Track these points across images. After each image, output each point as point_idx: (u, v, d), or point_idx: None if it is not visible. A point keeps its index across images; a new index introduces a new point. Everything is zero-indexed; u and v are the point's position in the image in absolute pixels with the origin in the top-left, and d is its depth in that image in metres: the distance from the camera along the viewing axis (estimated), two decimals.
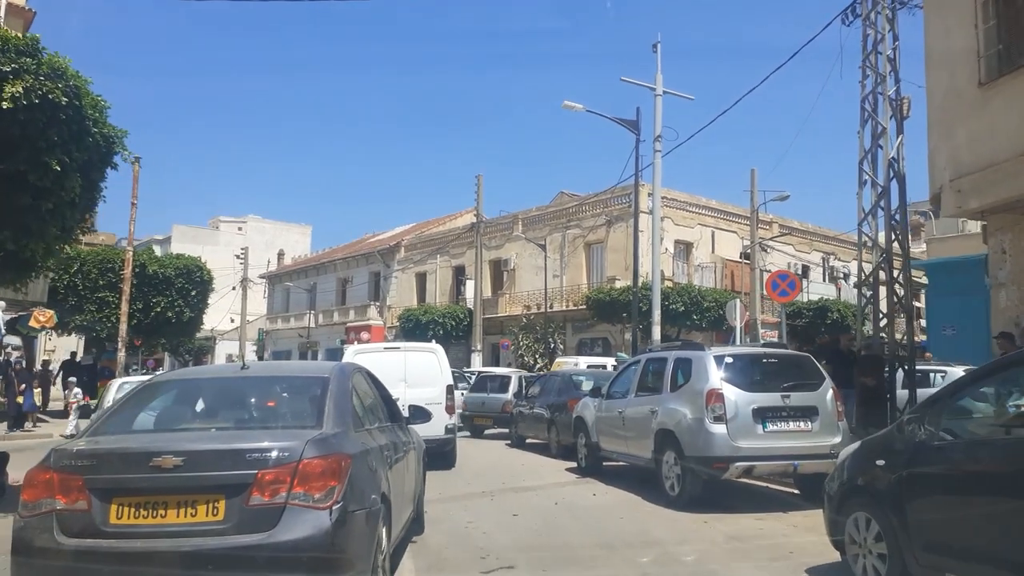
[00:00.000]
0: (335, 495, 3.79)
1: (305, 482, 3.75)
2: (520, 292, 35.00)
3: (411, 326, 35.89)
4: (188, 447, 3.91)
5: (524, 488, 9.49)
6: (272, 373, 5.79)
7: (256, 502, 3.70)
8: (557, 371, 15.36)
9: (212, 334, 66.18)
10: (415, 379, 11.19)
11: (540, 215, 35.31)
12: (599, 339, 31.59)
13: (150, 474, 3.71)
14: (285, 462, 3.76)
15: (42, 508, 3.74)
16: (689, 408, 8.05)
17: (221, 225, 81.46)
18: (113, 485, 3.76)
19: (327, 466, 3.83)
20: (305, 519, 3.69)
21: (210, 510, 3.69)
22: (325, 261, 53.14)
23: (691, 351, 8.70)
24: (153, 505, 3.70)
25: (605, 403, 10.21)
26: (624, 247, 31.03)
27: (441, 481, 9.86)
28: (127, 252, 20.83)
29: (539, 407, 13.77)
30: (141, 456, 3.83)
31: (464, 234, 38.69)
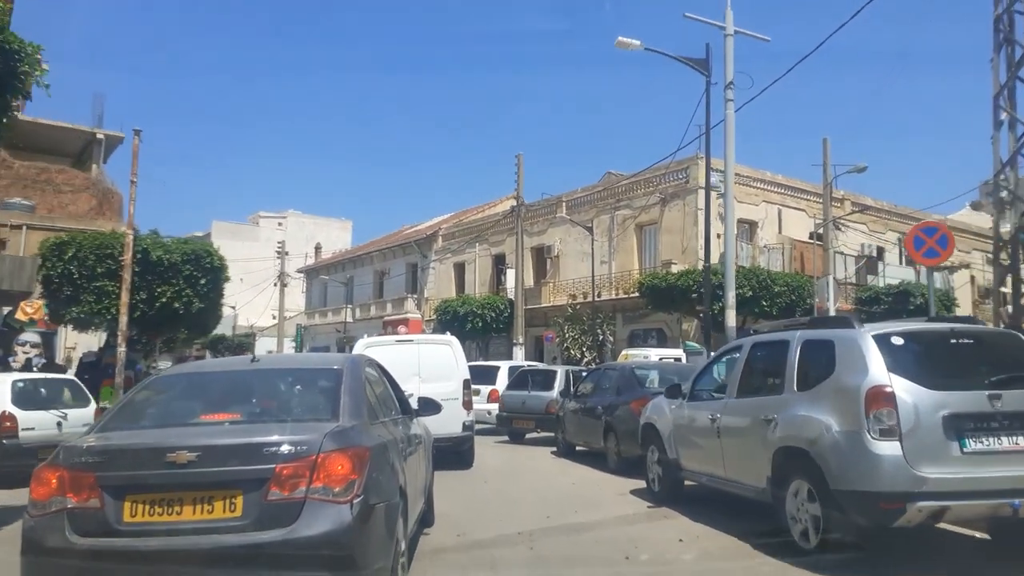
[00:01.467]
0: (355, 489, 3.67)
1: (324, 476, 3.62)
2: (565, 280, 32.20)
3: (448, 318, 33.42)
4: (203, 442, 3.74)
5: (578, 526, 6.74)
6: (284, 366, 5.62)
7: (275, 497, 3.57)
8: (614, 364, 12.54)
9: (252, 330, 65.25)
10: (430, 373, 10.61)
11: (586, 196, 32.43)
12: (653, 330, 28.63)
13: (165, 470, 3.58)
14: (304, 456, 3.64)
15: (52, 507, 3.62)
16: (835, 416, 5.23)
17: (261, 221, 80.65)
18: (126, 482, 3.63)
19: (346, 459, 3.71)
20: (326, 514, 3.56)
21: (228, 506, 3.57)
22: (361, 254, 51.20)
23: (832, 329, 5.83)
24: (168, 502, 3.58)
25: (689, 406, 7.41)
26: (680, 228, 28.03)
27: (465, 507, 7.41)
28: (127, 236, 18.66)
29: (592, 409, 11.03)
30: (155, 451, 3.69)
31: (504, 220, 36.03)
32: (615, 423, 10.14)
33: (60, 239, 18.79)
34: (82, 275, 18.63)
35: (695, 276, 23.94)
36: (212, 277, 20.17)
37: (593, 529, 6.61)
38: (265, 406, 4.53)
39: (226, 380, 4.92)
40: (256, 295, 60.66)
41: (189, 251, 19.80)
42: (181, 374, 5.28)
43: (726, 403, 6.69)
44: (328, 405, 4.29)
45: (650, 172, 29.28)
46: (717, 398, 6.98)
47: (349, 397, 4.33)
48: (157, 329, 20.85)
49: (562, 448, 12.40)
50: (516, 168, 31.40)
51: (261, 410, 4.49)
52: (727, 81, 15.21)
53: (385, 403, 5.20)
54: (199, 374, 5.24)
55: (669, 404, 7.82)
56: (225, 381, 4.90)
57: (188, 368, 5.76)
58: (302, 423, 4.14)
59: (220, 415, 4.29)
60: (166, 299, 19.34)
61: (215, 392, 4.68)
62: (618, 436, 10.01)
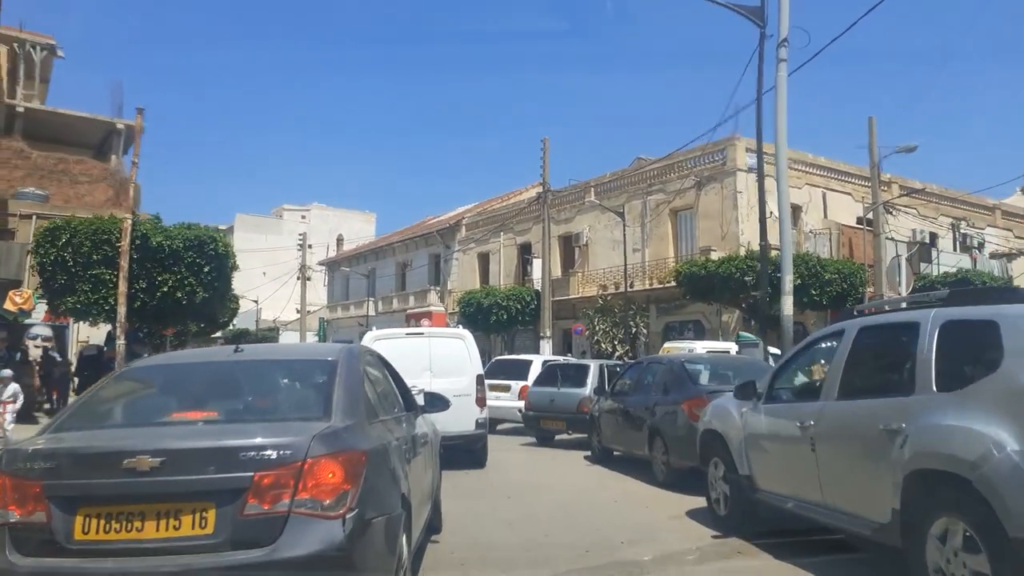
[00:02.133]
0: (348, 501, 3.19)
1: (312, 486, 3.14)
2: (595, 270, 30.52)
3: (472, 310, 31.91)
4: (169, 445, 3.24)
5: (630, 568, 5.14)
6: (271, 356, 4.89)
7: (253, 511, 3.09)
8: (659, 358, 10.88)
9: (275, 324, 64.49)
10: (441, 368, 10.10)
11: (616, 181, 30.68)
12: (690, 322, 26.86)
13: (123, 478, 3.09)
14: (287, 462, 3.15)
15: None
16: (1010, 428, 3.58)
17: (285, 214, 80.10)
18: (78, 492, 3.14)
19: (338, 466, 3.22)
20: (313, 530, 3.08)
21: (197, 521, 3.08)
22: (383, 245, 49.94)
23: (992, 305, 4.15)
24: (127, 516, 3.09)
25: (767, 410, 5.77)
26: (718, 212, 26.20)
27: (479, 533, 6.02)
28: (124, 220, 17.39)
29: (634, 410, 9.42)
30: (112, 456, 3.16)
31: (530, 207, 34.40)
32: (663, 427, 8.52)
33: (53, 223, 17.57)
34: (77, 263, 17.39)
35: (738, 263, 22.18)
36: (217, 265, 18.80)
37: (651, 573, 5.00)
38: (247, 403, 4.04)
39: (205, 373, 4.37)
40: (279, 287, 59.91)
41: (192, 237, 18.45)
42: (155, 366, 4.72)
43: (823, 407, 5.05)
44: (319, 402, 3.79)
45: (684, 154, 27.47)
46: (808, 399, 5.35)
47: (344, 392, 3.81)
48: (159, 321, 19.54)
49: (597, 453, 10.82)
50: (542, 153, 29.80)
51: (243, 407, 4.00)
52: (781, 38, 13.48)
53: (386, 399, 4.68)
54: (175, 366, 4.66)
55: (739, 407, 6.19)
56: (203, 374, 4.36)
57: (164, 359, 5.11)
58: (287, 423, 3.63)
59: (194, 413, 3.78)
60: (167, 288, 18.03)
61: (191, 386, 4.14)
62: (667, 443, 8.39)
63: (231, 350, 4.50)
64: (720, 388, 8.10)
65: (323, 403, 3.74)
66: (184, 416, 3.77)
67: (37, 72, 35.34)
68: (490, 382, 15.58)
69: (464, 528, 6.02)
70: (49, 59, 36.48)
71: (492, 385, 15.40)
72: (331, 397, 3.76)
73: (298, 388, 4.20)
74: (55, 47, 36.21)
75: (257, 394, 4.12)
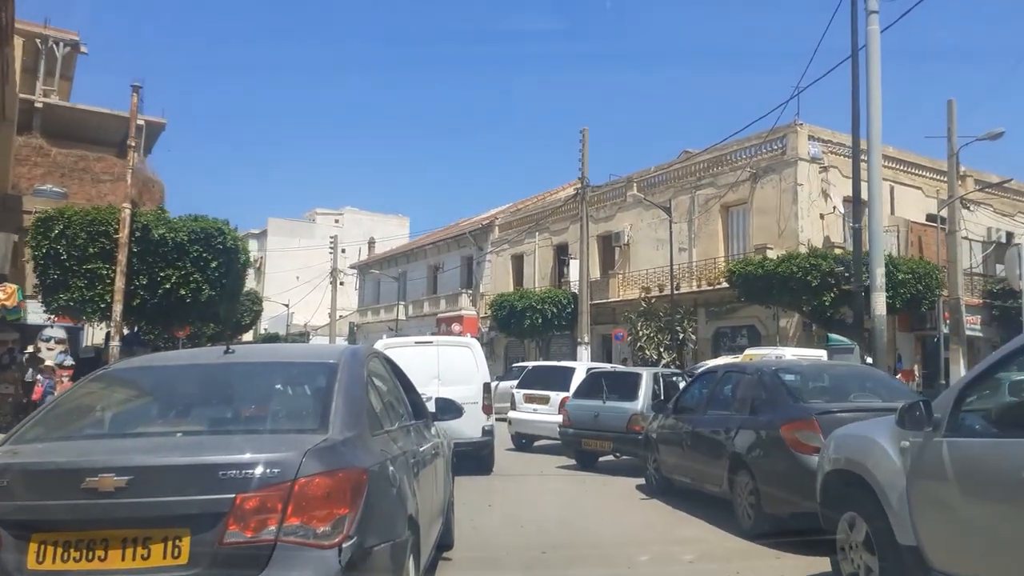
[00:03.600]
0: (346, 527, 2.76)
1: (304, 510, 2.71)
2: (636, 271, 28.34)
3: (504, 314, 29.95)
4: (137, 461, 2.82)
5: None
6: (265, 359, 4.32)
7: (234, 539, 2.68)
8: (739, 365, 8.70)
9: (306, 329, 63.44)
10: (449, 377, 10.17)
11: (661, 175, 28.48)
12: (743, 327, 24.54)
13: (83, 500, 2.69)
14: (275, 482, 2.72)
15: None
16: None
17: (318, 218, 79.32)
18: (32, 516, 2.76)
19: (334, 486, 2.79)
20: (304, 562, 2.66)
21: (169, 550, 2.69)
22: (415, 247, 48.33)
23: None
24: (88, 543, 2.70)
25: (955, 446, 3.67)
26: (775, 207, 23.89)
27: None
28: (123, 210, 15.81)
29: (707, 432, 7.32)
30: (71, 475, 2.74)
31: (566, 205, 32.38)
32: (750, 458, 6.42)
33: (45, 213, 16.06)
34: (71, 256, 15.86)
35: (799, 261, 19.88)
36: (225, 259, 17.13)
37: None
38: (234, 412, 3.57)
39: (189, 377, 3.89)
40: (310, 291, 58.79)
41: (198, 229, 16.82)
42: (135, 368, 4.18)
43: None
44: (315, 411, 3.31)
45: (737, 144, 25.24)
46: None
47: (344, 400, 3.31)
48: (161, 320, 17.90)
49: (655, 484, 8.72)
50: (580, 146, 27.79)
51: (228, 417, 3.52)
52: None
53: (393, 407, 4.25)
54: (158, 368, 4.11)
55: (896, 438, 4.09)
56: (187, 379, 3.87)
57: (146, 360, 4.50)
58: (278, 435, 3.23)
59: (172, 424, 3.41)
60: (170, 285, 16.41)
61: (172, 393, 3.72)
62: (756, 479, 6.28)
63: (220, 351, 3.94)
64: (835, 407, 5.99)
65: (320, 412, 3.29)
66: (161, 426, 3.43)
67: (58, 68, 34.46)
68: (526, 392, 13.87)
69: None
70: (72, 56, 35.59)
71: (528, 396, 13.59)
72: (329, 405, 3.29)
73: (293, 395, 3.79)
74: (78, 43, 35.28)
75: (246, 401, 3.71)
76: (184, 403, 3.67)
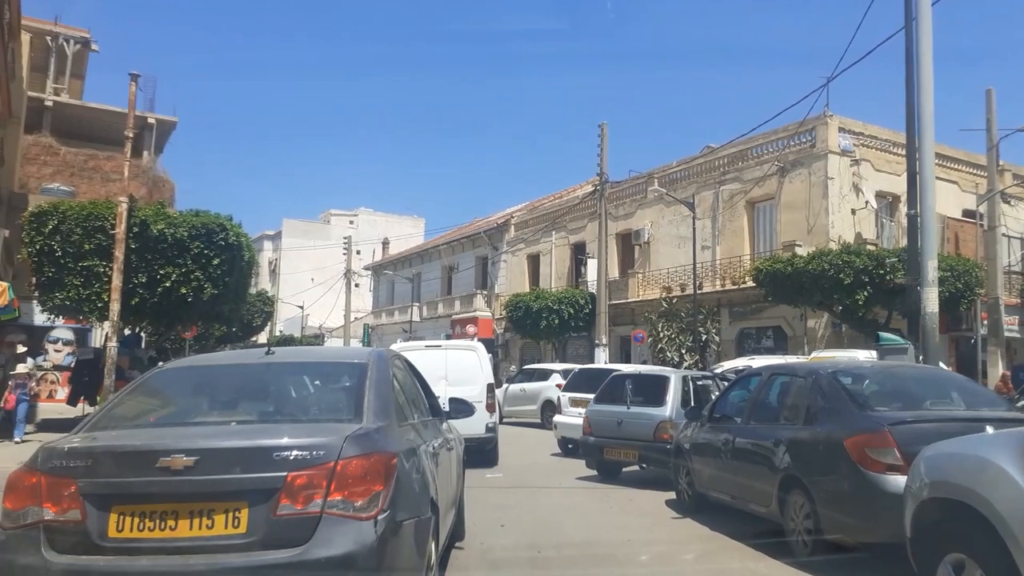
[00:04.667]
0: (380, 502, 3.14)
1: (344, 486, 3.10)
2: (657, 270, 27.35)
3: (520, 315, 29.05)
4: (203, 444, 3.20)
5: None
6: (302, 359, 5.08)
7: (286, 511, 3.05)
8: (789, 366, 7.68)
9: (320, 331, 62.79)
10: (456, 377, 11.01)
11: (683, 170, 27.45)
12: (769, 328, 23.47)
13: (157, 477, 3.07)
14: (320, 462, 3.11)
15: (27, 518, 3.11)
16: None
17: (332, 219, 78.82)
18: (113, 490, 3.12)
19: (370, 467, 3.18)
20: (345, 531, 3.04)
21: (230, 520, 3.05)
22: (429, 247, 47.52)
23: None
24: (161, 515, 3.08)
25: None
26: (804, 202, 22.83)
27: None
28: (120, 204, 15.09)
29: (751, 443, 6.37)
30: (146, 455, 3.14)
31: (584, 203, 31.42)
32: (808, 475, 5.45)
33: (40, 208, 15.38)
34: (67, 252, 15.18)
35: (832, 259, 18.83)
36: (228, 257, 16.39)
37: None
38: (279, 404, 4.02)
39: (235, 375, 4.35)
40: (324, 293, 58.19)
41: (199, 224, 16.08)
42: (185, 367, 4.61)
43: None
44: (350, 404, 3.76)
45: (763, 137, 24.20)
46: None
47: (375, 395, 3.77)
48: (162, 319, 17.17)
49: (687, 499, 7.77)
50: (599, 140, 26.87)
51: (273, 409, 3.96)
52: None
53: (414, 403, 4.63)
54: (206, 368, 4.57)
55: (1021, 458, 3.14)
56: (234, 376, 4.34)
57: (194, 361, 5.01)
58: (319, 424, 3.64)
59: (226, 414, 3.83)
60: (170, 283, 15.69)
61: (222, 388, 4.17)
62: (814, 501, 5.33)
63: (262, 352, 4.39)
64: (909, 416, 5.03)
65: (354, 405, 3.71)
66: (216, 417, 3.80)
67: (69, 66, 34.00)
68: (572, 396, 13.51)
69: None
70: (84, 54, 35.11)
71: (575, 400, 13.13)
72: (362, 399, 3.72)
73: (329, 390, 4.20)
74: (89, 41, 34.77)
75: (289, 396, 4.11)
76: (234, 397, 4.05)
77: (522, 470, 10.97)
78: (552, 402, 18.52)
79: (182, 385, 4.25)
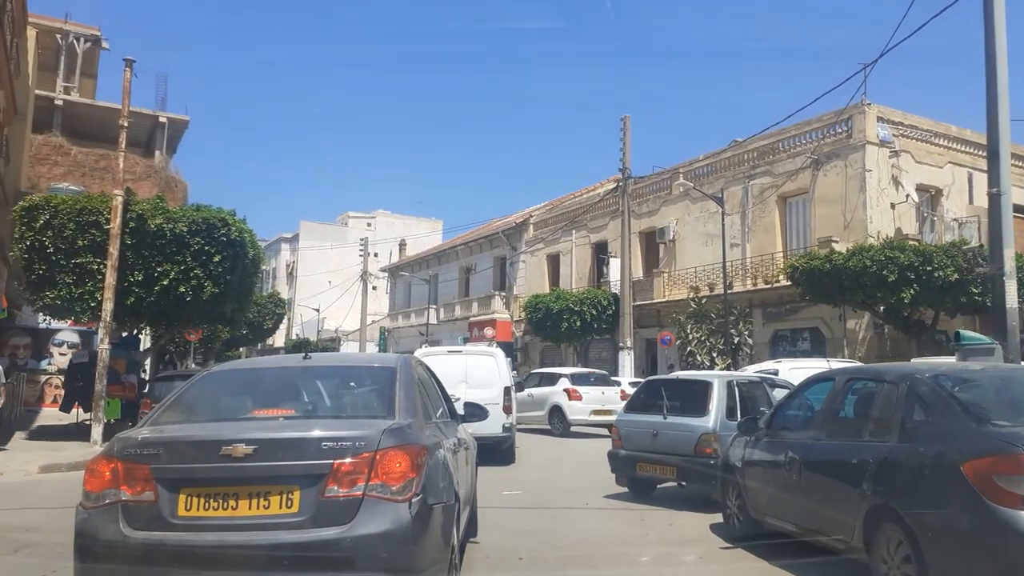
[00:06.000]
0: (413, 487, 3.55)
1: (383, 473, 3.51)
2: (683, 270, 26.13)
3: (539, 316, 27.95)
4: (260, 435, 3.64)
5: None
6: (337, 363, 5.71)
7: (332, 493, 3.45)
8: (875, 369, 6.29)
9: (337, 334, 61.99)
10: (475, 381, 11.76)
11: (710, 164, 26.23)
12: (805, 329, 22.18)
13: (221, 463, 3.48)
14: (362, 451, 3.53)
15: (106, 499, 3.55)
16: None
17: (350, 221, 78.16)
18: (181, 475, 3.54)
19: (404, 457, 3.59)
20: (384, 512, 3.45)
21: (284, 502, 3.46)
22: (446, 248, 46.51)
23: None
24: (224, 496, 3.48)
25: None
26: (840, 196, 21.53)
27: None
28: (115, 197, 14.18)
29: (826, 462, 5.19)
30: (211, 444, 3.59)
31: (606, 200, 30.27)
32: (908, 507, 4.28)
33: (30, 201, 14.50)
34: (58, 249, 14.28)
35: (874, 254, 17.55)
36: (230, 253, 15.41)
37: None
38: (319, 403, 4.46)
39: (278, 377, 4.78)
40: (340, 296, 57.43)
41: (199, 219, 15.14)
42: (232, 370, 5.22)
43: None
44: (383, 402, 4.19)
45: (796, 128, 22.95)
46: None
47: (404, 395, 4.19)
48: (161, 320, 16.23)
49: (739, 526, 6.60)
50: (621, 135, 25.75)
51: (315, 407, 4.43)
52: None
53: (435, 404, 5.07)
54: (251, 370, 5.11)
55: None
56: (277, 378, 4.76)
57: (239, 364, 5.91)
58: (358, 419, 4.09)
59: (274, 411, 4.19)
60: (168, 281, 14.74)
61: (268, 388, 4.53)
62: (918, 539, 4.15)
63: (300, 357, 4.86)
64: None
65: (387, 404, 4.12)
66: (266, 413, 4.15)
67: (79, 65, 33.42)
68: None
69: None
70: (94, 52, 34.47)
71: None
72: (394, 399, 4.12)
73: (363, 391, 4.55)
74: (99, 38, 34.18)
75: (328, 395, 4.50)
76: (279, 396, 4.38)
77: (543, 486, 9.85)
78: (560, 408, 17.62)
79: (230, 385, 4.65)
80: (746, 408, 8.31)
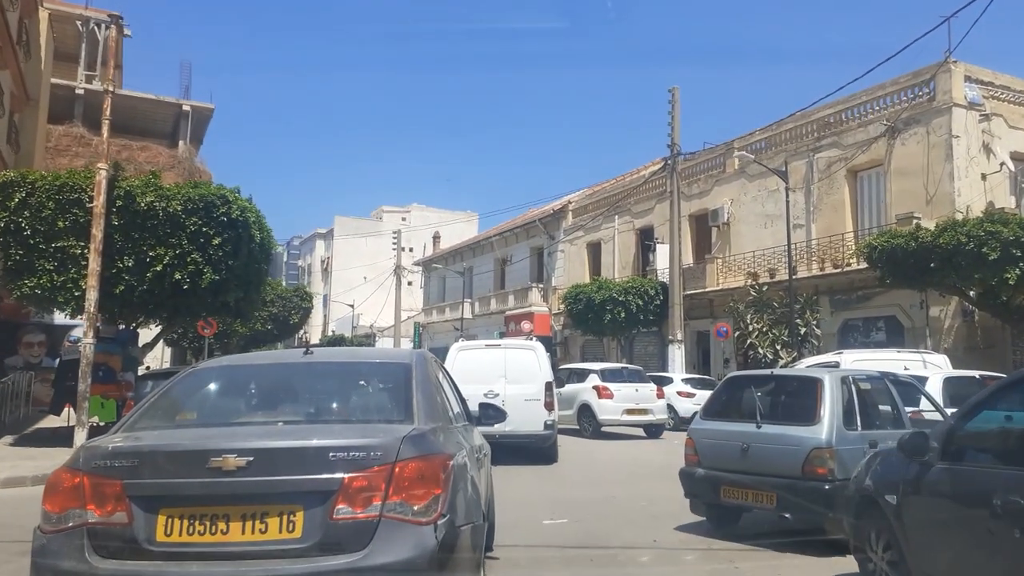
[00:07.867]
0: (439, 506, 2.96)
1: (403, 489, 2.93)
2: (739, 255, 23.79)
3: (580, 308, 25.86)
4: (256, 444, 3.04)
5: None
6: (342, 359, 4.94)
7: (343, 514, 2.90)
8: None
9: (372, 330, 60.71)
10: (515, 376, 11.28)
11: (768, 139, 23.80)
12: (879, 318, 19.72)
13: (208, 478, 2.91)
14: (378, 463, 2.94)
15: (69, 521, 2.94)
16: None
17: (385, 215, 77.04)
18: (161, 492, 2.96)
19: (428, 469, 3.01)
20: (405, 536, 2.88)
21: (285, 524, 2.89)
22: (481, 240, 44.65)
23: None
24: (212, 518, 2.92)
25: None
26: (922, 167, 19.01)
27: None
28: (98, 172, 12.52)
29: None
30: (197, 456, 2.98)
31: (651, 181, 28.04)
32: None
33: (5, 178, 12.90)
34: (36, 231, 12.67)
35: (969, 229, 15.11)
36: (232, 235, 13.64)
37: None
38: (323, 405, 3.86)
39: (274, 375, 4.20)
40: (375, 290, 56.10)
41: (195, 197, 13.40)
42: (223, 366, 4.35)
43: None
44: (398, 404, 3.61)
45: (867, 94, 20.47)
46: None
47: (422, 395, 3.60)
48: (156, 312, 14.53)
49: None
50: (670, 108, 23.50)
51: (318, 409, 3.81)
52: None
53: (453, 406, 4.39)
54: (244, 367, 4.39)
55: None
56: (274, 376, 4.19)
57: (231, 360, 4.67)
58: (372, 425, 3.48)
59: (270, 414, 3.66)
60: (162, 267, 13.02)
61: (262, 388, 4.00)
62: None
63: (301, 352, 4.22)
64: None
65: (403, 406, 3.55)
66: (261, 417, 3.66)
67: (100, 51, 32.28)
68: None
69: None
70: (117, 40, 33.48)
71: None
72: (411, 400, 3.56)
73: (374, 391, 3.99)
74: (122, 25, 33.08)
75: (333, 396, 3.93)
76: (276, 397, 3.89)
77: (593, 510, 7.82)
78: (589, 406, 16.23)
79: (219, 385, 4.01)
80: (867, 413, 6.23)
